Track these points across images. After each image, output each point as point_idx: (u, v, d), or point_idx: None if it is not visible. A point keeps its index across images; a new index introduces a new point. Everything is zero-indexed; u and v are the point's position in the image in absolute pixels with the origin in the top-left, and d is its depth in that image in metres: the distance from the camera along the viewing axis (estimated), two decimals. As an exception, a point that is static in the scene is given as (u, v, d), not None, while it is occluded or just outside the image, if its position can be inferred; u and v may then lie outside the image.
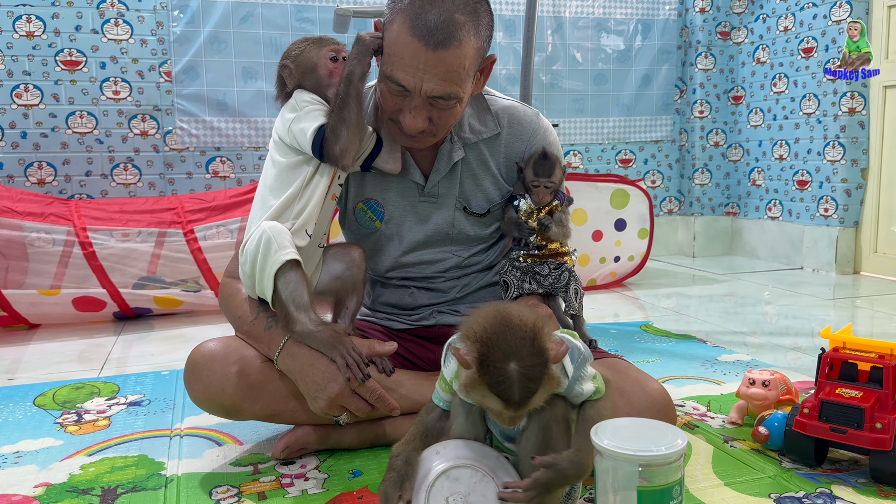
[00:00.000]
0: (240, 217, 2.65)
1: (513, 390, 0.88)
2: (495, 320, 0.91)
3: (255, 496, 1.21)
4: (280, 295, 1.20)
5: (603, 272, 3.14)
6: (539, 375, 0.88)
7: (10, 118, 3.06)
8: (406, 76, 1.21)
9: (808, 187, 3.58)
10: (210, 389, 1.27)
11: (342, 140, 1.23)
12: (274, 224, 1.21)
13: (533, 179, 1.39)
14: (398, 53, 1.20)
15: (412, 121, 1.24)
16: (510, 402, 0.89)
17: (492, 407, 0.91)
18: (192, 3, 3.23)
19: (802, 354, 2.08)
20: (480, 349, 0.90)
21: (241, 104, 3.34)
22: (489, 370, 0.88)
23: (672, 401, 1.26)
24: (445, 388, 1.03)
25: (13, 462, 1.39)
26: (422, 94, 1.22)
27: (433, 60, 1.18)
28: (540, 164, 1.39)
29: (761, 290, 3.09)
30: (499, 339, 0.89)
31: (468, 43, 1.20)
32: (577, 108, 3.89)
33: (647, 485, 0.89)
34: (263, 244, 1.19)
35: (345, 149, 1.23)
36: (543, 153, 1.40)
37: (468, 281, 1.51)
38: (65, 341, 2.36)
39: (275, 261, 1.18)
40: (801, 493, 1.19)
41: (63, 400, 1.75)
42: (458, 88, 1.23)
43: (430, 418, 1.06)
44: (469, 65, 1.23)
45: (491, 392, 0.89)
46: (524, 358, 0.88)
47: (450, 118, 1.28)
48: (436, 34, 1.17)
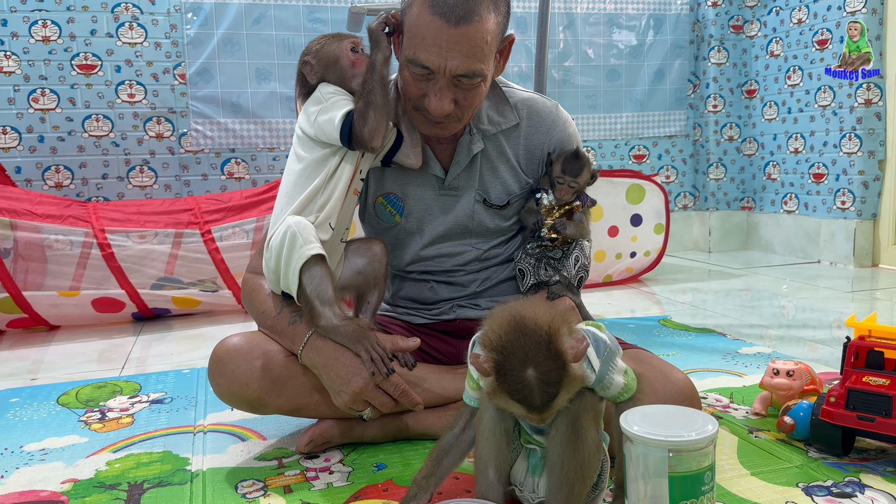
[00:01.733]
0: (255, 217, 2.66)
1: (533, 397, 0.88)
2: (510, 326, 0.91)
3: (280, 490, 1.22)
4: (305, 290, 1.20)
5: (619, 268, 3.13)
6: (557, 379, 0.88)
7: (28, 122, 3.09)
8: (429, 56, 1.21)
9: (825, 180, 3.56)
10: (234, 384, 1.27)
11: (370, 122, 1.23)
12: (299, 219, 1.21)
13: (559, 176, 1.39)
14: (419, 34, 1.21)
15: (438, 103, 1.24)
16: (533, 408, 0.89)
17: (516, 411, 0.92)
18: (205, 6, 3.24)
19: (823, 346, 2.06)
20: (497, 358, 0.90)
21: (255, 105, 3.35)
22: (507, 378, 0.88)
23: (697, 391, 1.25)
24: (474, 387, 1.03)
25: (39, 459, 1.40)
26: (446, 74, 1.22)
27: (455, 37, 1.19)
28: (570, 162, 1.39)
29: (779, 285, 3.07)
30: (514, 347, 0.89)
31: (489, 18, 1.21)
32: (590, 105, 3.88)
33: (677, 471, 0.89)
34: (288, 239, 1.19)
35: (373, 129, 1.24)
36: (576, 153, 1.41)
37: (488, 274, 1.51)
38: (85, 342, 2.38)
39: (300, 256, 1.19)
40: (829, 482, 1.18)
41: (86, 398, 1.76)
42: (482, 65, 1.23)
43: (447, 440, 1.05)
44: (491, 40, 1.23)
45: (512, 399, 0.89)
46: (540, 364, 0.88)
47: (475, 98, 1.28)
48: (456, 10, 1.18)
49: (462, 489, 1.18)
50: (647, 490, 0.91)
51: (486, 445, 1.02)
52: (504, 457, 1.02)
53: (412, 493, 1.03)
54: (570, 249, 1.41)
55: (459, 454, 1.06)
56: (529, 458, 1.04)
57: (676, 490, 0.89)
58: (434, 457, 1.04)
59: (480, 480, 1.02)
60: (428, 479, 1.03)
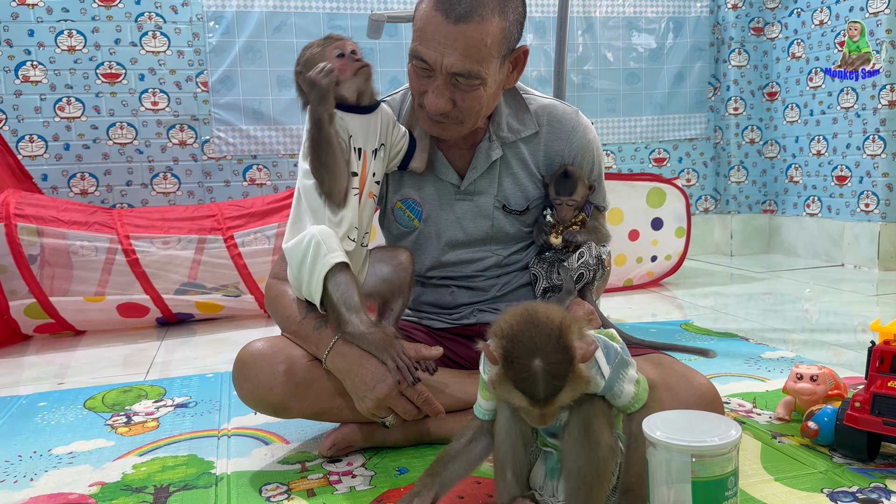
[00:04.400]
0: (277, 223, 2.69)
1: (537, 387, 0.88)
2: (522, 318, 0.92)
3: (304, 493, 1.23)
4: (331, 297, 1.21)
5: (640, 272, 3.12)
6: (563, 373, 0.88)
7: (54, 131, 3.14)
8: (427, 50, 1.22)
9: (848, 182, 3.52)
10: (258, 388, 1.29)
11: (325, 184, 1.22)
12: (322, 227, 1.22)
13: (555, 198, 1.40)
14: (422, 28, 1.23)
15: (434, 100, 1.25)
16: (535, 399, 0.89)
17: (519, 404, 0.91)
18: (226, 14, 3.28)
19: (847, 350, 2.04)
20: (506, 345, 0.90)
21: (277, 112, 3.38)
22: (514, 366, 0.89)
23: (720, 396, 1.25)
24: (486, 396, 1.04)
25: (67, 462, 1.42)
26: (443, 71, 1.23)
27: (454, 34, 1.20)
28: (561, 182, 1.40)
29: (801, 288, 3.04)
30: (524, 336, 0.90)
31: (491, 21, 1.21)
32: (610, 108, 3.87)
33: (701, 476, 0.89)
34: (313, 248, 1.20)
35: (330, 190, 1.23)
36: (565, 171, 1.41)
37: (508, 279, 1.51)
38: (110, 346, 2.41)
39: (324, 264, 1.19)
40: (854, 488, 1.17)
41: (112, 402, 1.79)
42: (480, 67, 1.23)
43: (454, 447, 1.05)
44: (491, 43, 1.23)
45: (516, 388, 0.89)
46: (549, 355, 0.88)
47: (473, 102, 1.27)
48: (458, 7, 1.19)
49: (484, 493, 1.18)
50: (670, 495, 0.91)
51: (502, 447, 1.03)
52: (520, 458, 1.03)
53: (416, 490, 1.03)
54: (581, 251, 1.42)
55: (466, 463, 1.06)
56: (547, 461, 1.04)
57: (700, 495, 0.89)
58: (440, 460, 1.05)
59: (499, 481, 1.04)
60: (433, 479, 1.04)
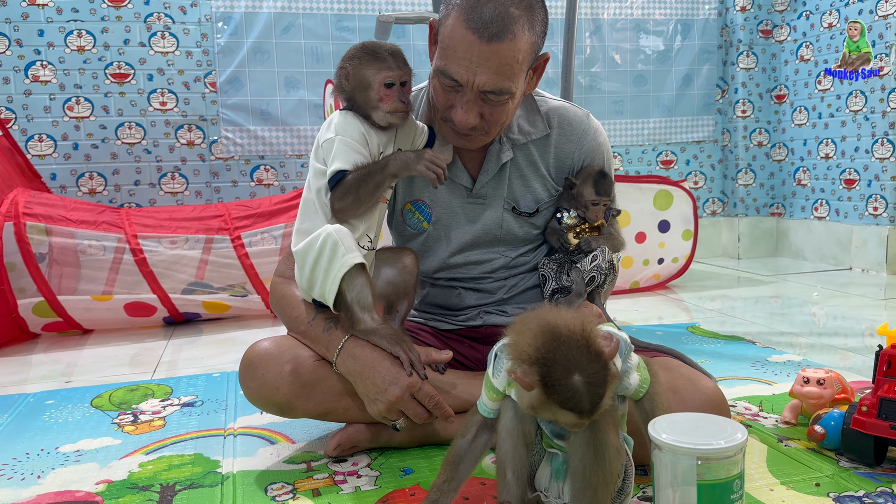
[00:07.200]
0: (284, 223, 2.69)
1: (583, 402, 0.88)
2: (545, 336, 0.91)
3: (309, 493, 1.23)
4: (346, 297, 1.21)
5: (646, 274, 3.11)
6: (603, 379, 0.89)
7: (63, 130, 3.16)
8: (459, 69, 1.21)
9: (856, 186, 3.51)
10: (265, 387, 1.29)
11: (346, 202, 1.23)
12: (339, 227, 1.21)
13: (593, 199, 1.39)
14: (452, 47, 1.21)
15: (464, 116, 1.25)
16: (583, 413, 0.88)
17: (564, 420, 0.91)
18: (235, 15, 3.29)
19: (855, 354, 2.03)
20: (540, 370, 0.89)
21: (284, 113, 3.39)
22: (556, 389, 0.88)
23: (726, 399, 1.25)
24: (493, 397, 1.03)
25: (74, 460, 1.43)
26: (474, 88, 1.22)
27: (486, 53, 1.19)
28: (600, 182, 1.40)
29: (809, 292, 3.03)
30: (556, 357, 0.89)
31: (522, 37, 1.21)
32: (617, 110, 3.87)
33: (706, 479, 0.88)
34: (329, 246, 1.19)
35: (343, 209, 1.23)
36: (602, 172, 1.41)
37: (515, 281, 1.51)
38: (117, 345, 2.42)
39: (343, 264, 1.19)
40: (860, 492, 1.17)
41: (119, 401, 1.80)
42: (511, 83, 1.23)
43: (460, 445, 1.06)
44: (522, 59, 1.23)
45: (562, 408, 0.89)
46: (585, 367, 0.88)
47: (501, 115, 1.28)
48: (490, 27, 1.18)
49: (489, 495, 1.18)
50: (675, 498, 0.91)
51: (504, 447, 1.03)
52: (522, 459, 1.03)
53: (433, 498, 1.03)
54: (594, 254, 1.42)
55: (473, 461, 1.06)
56: (552, 462, 1.04)
57: (705, 498, 0.89)
58: (451, 462, 1.05)
59: (500, 482, 1.04)
60: (448, 484, 1.04)
